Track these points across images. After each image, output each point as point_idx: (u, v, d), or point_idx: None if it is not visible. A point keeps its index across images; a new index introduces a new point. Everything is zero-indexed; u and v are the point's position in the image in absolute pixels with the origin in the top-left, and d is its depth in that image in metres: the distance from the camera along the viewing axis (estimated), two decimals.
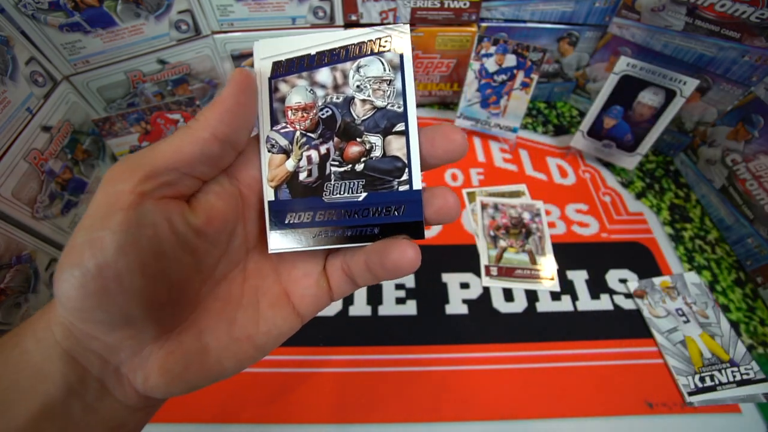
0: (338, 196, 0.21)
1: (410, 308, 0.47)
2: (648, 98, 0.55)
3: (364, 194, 0.20)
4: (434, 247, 0.52)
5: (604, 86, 0.57)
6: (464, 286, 0.49)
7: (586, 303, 0.47)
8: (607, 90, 0.57)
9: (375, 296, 0.48)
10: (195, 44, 0.58)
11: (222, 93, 0.19)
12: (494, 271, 0.50)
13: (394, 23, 0.19)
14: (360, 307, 0.47)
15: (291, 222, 0.21)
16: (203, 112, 0.19)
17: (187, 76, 0.61)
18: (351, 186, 0.21)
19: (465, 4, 0.57)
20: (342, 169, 0.21)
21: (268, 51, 0.21)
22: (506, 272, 0.50)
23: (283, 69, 0.21)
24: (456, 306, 0.47)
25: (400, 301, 0.47)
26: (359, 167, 0.21)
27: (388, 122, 0.20)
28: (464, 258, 0.51)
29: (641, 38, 0.57)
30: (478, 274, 0.50)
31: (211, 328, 0.20)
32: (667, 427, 0.39)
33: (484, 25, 0.60)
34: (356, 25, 0.59)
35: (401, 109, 0.21)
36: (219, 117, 0.19)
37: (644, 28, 0.57)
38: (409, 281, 0.49)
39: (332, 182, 0.21)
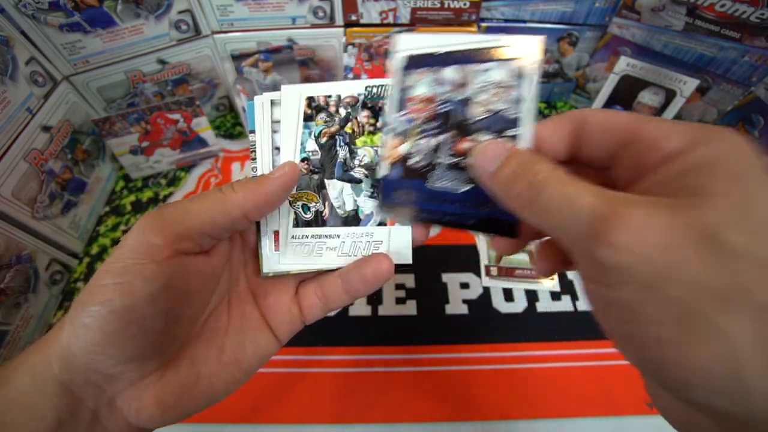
0: (440, 184, 0.22)
1: (410, 308, 0.47)
2: (648, 98, 0.55)
3: (466, 188, 0.22)
4: (434, 247, 0.52)
5: (604, 86, 0.57)
6: (464, 286, 0.49)
7: (586, 303, 0.47)
8: (607, 90, 0.57)
9: (375, 296, 0.48)
10: (195, 44, 0.58)
11: (268, 181, 0.21)
12: (494, 271, 0.50)
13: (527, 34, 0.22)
14: (360, 307, 0.47)
15: (396, 199, 0.23)
16: (243, 190, 0.20)
17: (187, 76, 0.61)
18: (455, 177, 0.22)
19: (465, 4, 0.57)
20: (450, 161, 0.22)
21: (406, 44, 0.23)
22: (506, 272, 0.50)
23: (415, 62, 0.23)
24: (456, 306, 0.47)
25: (400, 301, 0.47)
26: (465, 162, 0.22)
27: (501, 126, 0.21)
28: (464, 258, 0.51)
29: (641, 38, 0.57)
30: (478, 274, 0.50)
31: (203, 356, 0.21)
32: (667, 427, 0.39)
33: (484, 25, 0.60)
34: (356, 24, 0.59)
35: (515, 116, 0.21)
36: (256, 203, 0.21)
37: (644, 28, 0.57)
38: (409, 281, 0.49)
39: (437, 171, 0.22)
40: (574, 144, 0.19)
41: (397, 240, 0.24)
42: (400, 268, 0.23)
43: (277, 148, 0.24)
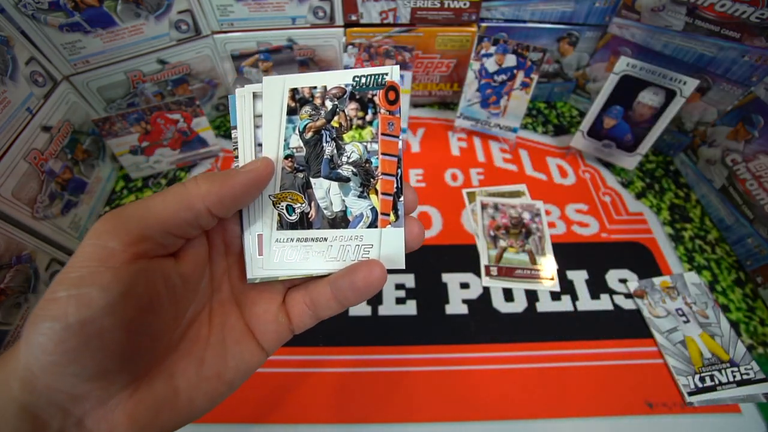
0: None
1: (410, 308, 0.47)
2: (648, 98, 0.55)
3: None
4: (434, 247, 0.52)
5: (604, 86, 0.57)
6: (464, 286, 0.49)
7: (586, 303, 0.47)
8: (607, 90, 0.57)
9: (375, 296, 0.48)
10: (195, 44, 0.58)
11: (236, 175, 0.20)
12: (494, 271, 0.50)
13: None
14: (360, 307, 0.47)
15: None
16: (207, 182, 0.19)
17: (187, 76, 0.61)
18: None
19: (465, 4, 0.57)
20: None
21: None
22: (506, 272, 0.50)
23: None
24: (456, 306, 0.47)
25: (400, 301, 0.47)
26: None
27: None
28: (464, 258, 0.51)
29: (641, 38, 0.57)
30: (478, 274, 0.50)
31: (181, 370, 0.20)
32: (667, 427, 0.39)
33: (484, 25, 0.60)
34: (356, 25, 0.59)
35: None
36: (220, 197, 0.19)
37: (644, 28, 0.57)
38: (409, 281, 0.49)
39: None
40: None
41: (388, 244, 0.22)
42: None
43: (260, 145, 0.23)
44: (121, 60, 0.55)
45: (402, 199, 0.22)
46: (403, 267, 0.22)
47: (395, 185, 0.22)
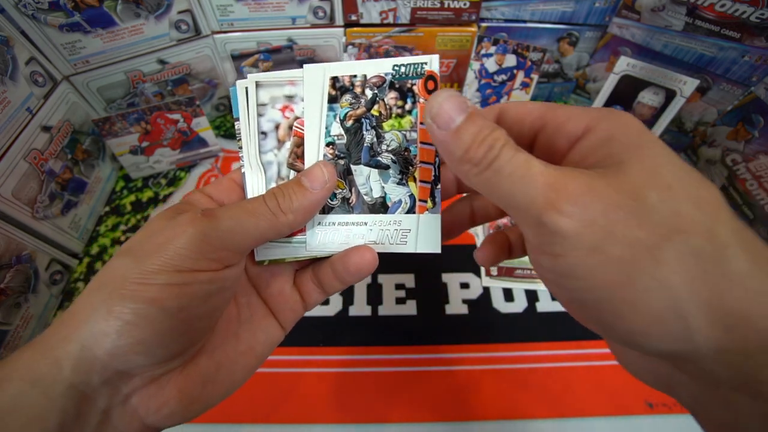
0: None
1: (410, 308, 0.47)
2: (648, 98, 0.55)
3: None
4: None
5: (604, 86, 0.57)
6: (464, 286, 0.49)
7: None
8: (607, 90, 0.57)
9: (375, 296, 0.48)
10: (195, 44, 0.58)
11: (313, 195, 0.21)
12: (494, 271, 0.50)
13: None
14: (360, 307, 0.47)
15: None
16: (292, 210, 0.21)
17: (187, 76, 0.61)
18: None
19: (465, 4, 0.57)
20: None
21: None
22: (506, 272, 0.50)
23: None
24: (456, 306, 0.47)
25: (400, 301, 0.47)
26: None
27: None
28: (464, 258, 0.51)
29: (641, 38, 0.57)
30: (478, 274, 0.50)
31: (220, 346, 0.22)
32: (667, 427, 0.39)
33: (484, 25, 0.60)
34: (356, 24, 0.59)
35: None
36: (304, 221, 0.22)
37: (644, 28, 0.57)
38: (409, 281, 0.49)
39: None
40: None
41: (426, 229, 0.23)
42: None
43: (264, 133, 0.24)
44: (121, 60, 0.55)
45: (439, 186, 0.23)
46: (439, 251, 0.23)
47: (433, 173, 0.23)
